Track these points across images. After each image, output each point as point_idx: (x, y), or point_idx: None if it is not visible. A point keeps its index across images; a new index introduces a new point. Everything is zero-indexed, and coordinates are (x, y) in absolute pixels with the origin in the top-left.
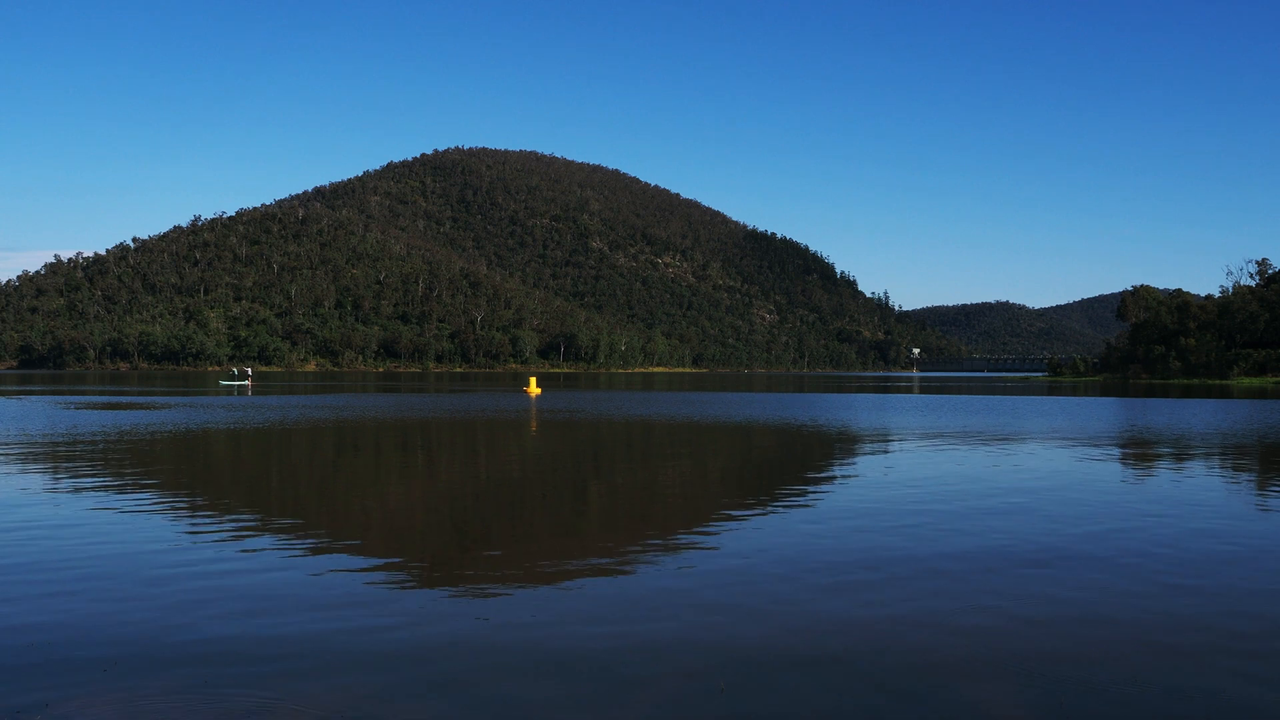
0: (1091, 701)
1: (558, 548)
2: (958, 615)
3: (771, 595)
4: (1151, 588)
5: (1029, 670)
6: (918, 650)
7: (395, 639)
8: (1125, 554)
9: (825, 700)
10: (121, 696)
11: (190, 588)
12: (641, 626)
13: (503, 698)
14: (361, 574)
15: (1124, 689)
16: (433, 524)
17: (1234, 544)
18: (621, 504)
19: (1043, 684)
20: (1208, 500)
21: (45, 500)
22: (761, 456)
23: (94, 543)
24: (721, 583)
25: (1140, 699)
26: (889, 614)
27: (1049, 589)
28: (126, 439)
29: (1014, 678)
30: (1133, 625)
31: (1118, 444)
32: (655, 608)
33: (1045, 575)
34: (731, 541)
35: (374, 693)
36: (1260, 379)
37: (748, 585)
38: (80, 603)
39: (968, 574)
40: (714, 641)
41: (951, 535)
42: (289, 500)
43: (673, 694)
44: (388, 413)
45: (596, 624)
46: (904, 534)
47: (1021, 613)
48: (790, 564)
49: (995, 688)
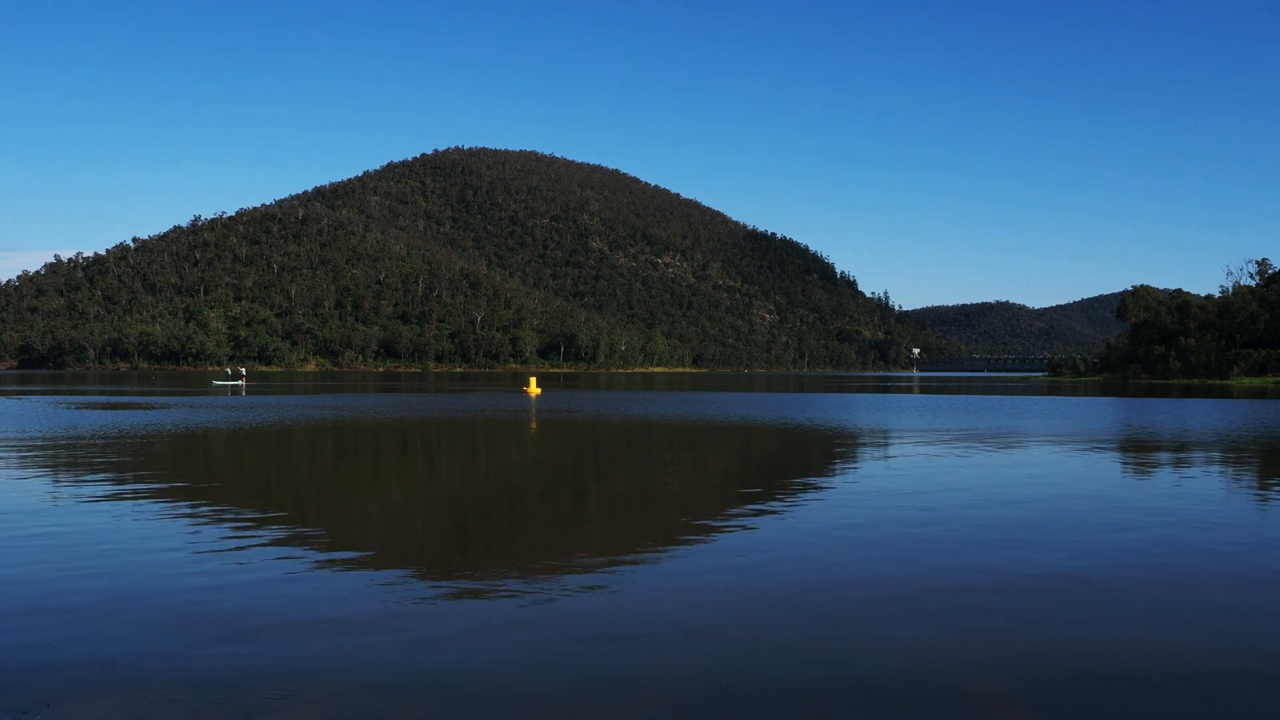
0: (1092, 702)
1: (557, 548)
2: (960, 617)
3: (772, 595)
4: (1157, 589)
5: (1030, 671)
6: (919, 651)
7: (395, 639)
8: (1124, 555)
9: (826, 700)
10: (121, 697)
11: (190, 588)
12: (641, 626)
13: (503, 698)
14: (361, 575)
15: (1125, 688)
16: (432, 524)
17: (1238, 543)
18: (621, 504)
19: (1047, 686)
20: (1212, 499)
21: (45, 501)
22: (762, 457)
23: (93, 543)
24: (721, 583)
25: (1141, 699)
26: (890, 615)
27: (1052, 590)
28: (126, 439)
29: (1015, 678)
30: (1137, 626)
31: (1118, 444)
32: (655, 607)
33: (1047, 574)
34: (732, 542)
35: (374, 693)
36: (1260, 379)
37: (748, 585)
38: (80, 603)
39: (969, 574)
40: (714, 641)
41: (954, 536)
42: (288, 501)
43: (673, 694)
44: (387, 413)
45: (596, 624)
46: (906, 534)
47: (1024, 615)
48: (791, 564)
49: (998, 690)
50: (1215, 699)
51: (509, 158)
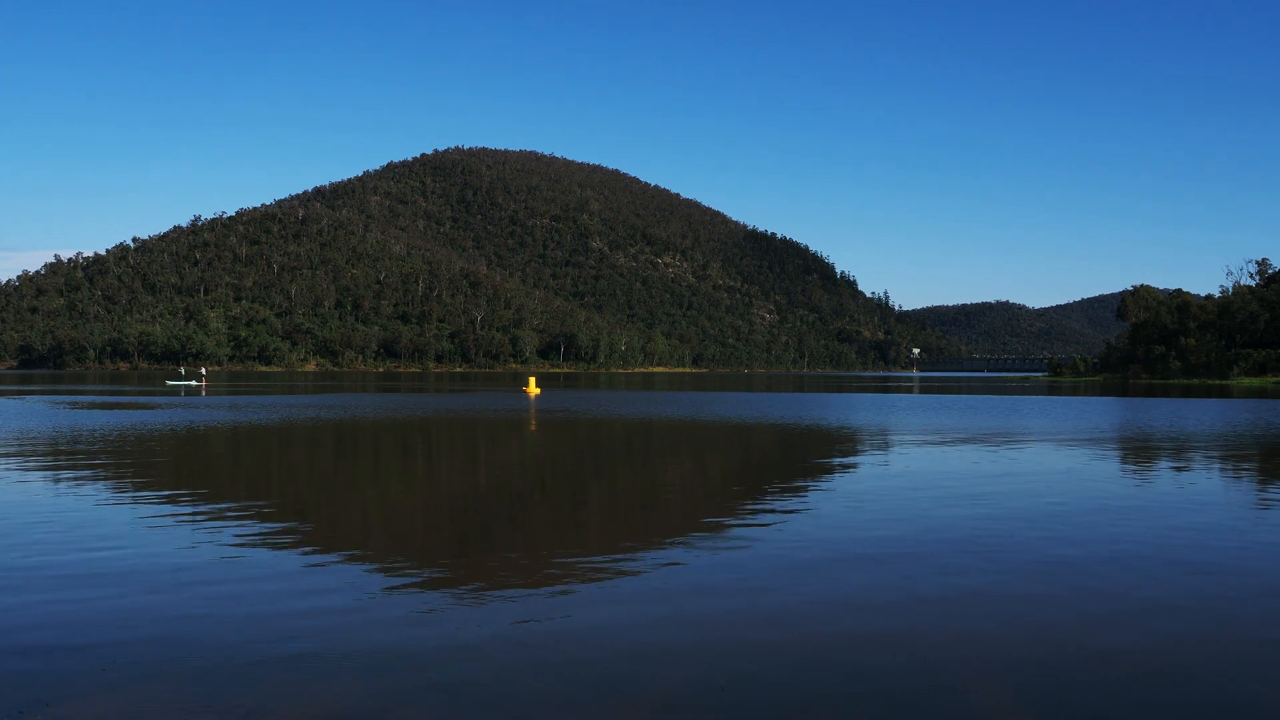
0: (1093, 702)
1: (557, 548)
2: (963, 619)
3: (772, 595)
4: (1161, 589)
5: (1032, 673)
6: (920, 652)
7: (395, 640)
8: (1127, 552)
9: (826, 700)
10: (121, 697)
11: (189, 587)
12: (641, 626)
13: (503, 698)
14: (361, 575)
15: (1126, 689)
16: (431, 525)
17: (1241, 541)
18: (621, 504)
19: (1051, 688)
20: (1215, 499)
21: (44, 501)
22: (762, 457)
23: (93, 543)
24: (722, 583)
25: (1143, 699)
26: (892, 615)
27: (1056, 592)
28: (124, 439)
29: (1016, 680)
30: (1142, 624)
31: (1118, 444)
32: (655, 607)
33: (1050, 578)
34: (732, 542)
35: (374, 693)
36: (1260, 379)
37: (748, 585)
38: (79, 603)
39: (970, 576)
40: (714, 641)
41: (955, 537)
42: (288, 501)
43: (673, 694)
44: (385, 413)
45: (596, 623)
46: (907, 535)
47: (1027, 617)
48: (791, 564)
49: (997, 689)
50: (1220, 697)
51: (509, 158)
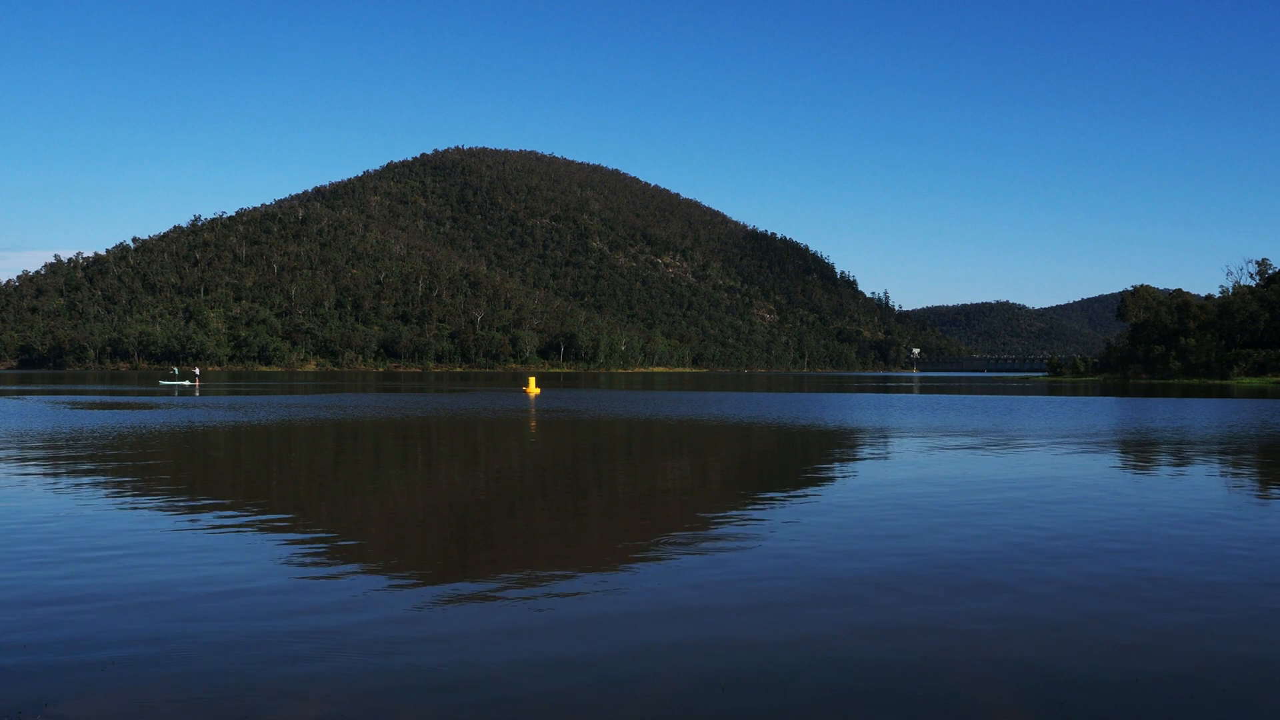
0: (1095, 702)
1: (557, 548)
2: (964, 619)
3: (772, 596)
4: (1162, 589)
5: (1032, 673)
6: (920, 652)
7: (395, 640)
8: (1126, 554)
9: (826, 701)
10: (121, 697)
11: (190, 587)
12: (641, 626)
13: (503, 698)
14: (361, 575)
15: (1127, 689)
16: (431, 525)
17: (1243, 541)
18: (621, 504)
19: (1050, 688)
20: (1215, 498)
21: (43, 500)
22: (762, 457)
23: (92, 543)
24: (722, 583)
25: (1143, 699)
26: (892, 616)
27: (1057, 593)
28: (123, 439)
29: (1016, 680)
30: (1144, 624)
31: (1119, 443)
32: (655, 607)
33: (1050, 580)
34: (732, 542)
35: (374, 693)
36: (1260, 379)
37: (748, 586)
38: (79, 603)
39: (971, 576)
40: (714, 641)
41: (956, 538)
42: (288, 502)
43: (673, 694)
44: (384, 413)
45: (596, 623)
46: (908, 535)
47: (1028, 617)
48: (791, 565)
49: (998, 690)
50: (1221, 696)
51: (509, 158)
